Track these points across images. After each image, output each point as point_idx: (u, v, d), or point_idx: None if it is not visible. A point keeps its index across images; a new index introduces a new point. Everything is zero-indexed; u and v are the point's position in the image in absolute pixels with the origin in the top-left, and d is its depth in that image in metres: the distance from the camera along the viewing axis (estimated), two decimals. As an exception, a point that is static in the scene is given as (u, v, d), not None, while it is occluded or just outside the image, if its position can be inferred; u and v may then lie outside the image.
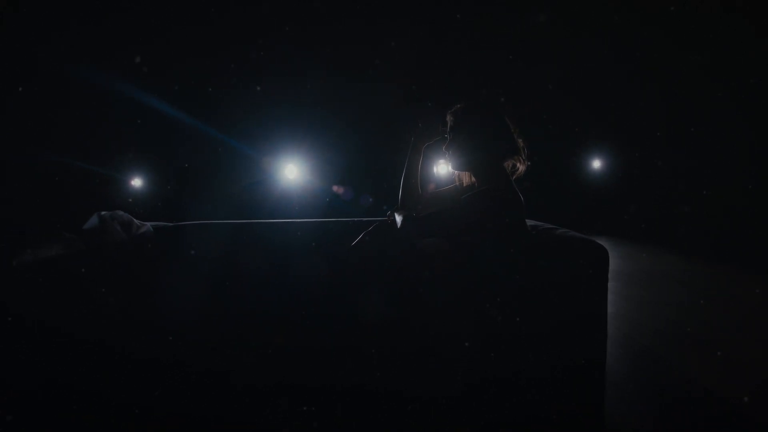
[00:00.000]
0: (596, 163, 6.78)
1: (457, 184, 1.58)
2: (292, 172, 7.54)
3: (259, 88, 7.27)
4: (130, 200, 6.42)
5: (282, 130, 7.39)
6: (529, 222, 1.54)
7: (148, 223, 1.75)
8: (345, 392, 1.22)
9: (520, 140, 1.49)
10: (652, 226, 5.83)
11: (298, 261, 1.40)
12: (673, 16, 5.46)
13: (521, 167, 1.50)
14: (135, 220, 1.71)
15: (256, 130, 7.37)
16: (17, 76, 6.30)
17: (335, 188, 9.07)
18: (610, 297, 2.96)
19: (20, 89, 6.25)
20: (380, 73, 6.84)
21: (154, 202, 6.83)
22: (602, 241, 4.35)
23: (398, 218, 1.54)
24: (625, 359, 2.05)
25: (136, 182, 6.62)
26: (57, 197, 6.22)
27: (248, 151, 7.50)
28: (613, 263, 4.10)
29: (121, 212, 1.70)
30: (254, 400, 1.23)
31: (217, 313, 1.33)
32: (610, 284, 3.20)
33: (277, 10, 6.65)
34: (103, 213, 1.63)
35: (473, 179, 1.52)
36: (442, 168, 2.15)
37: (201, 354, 1.25)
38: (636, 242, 5.21)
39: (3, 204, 5.91)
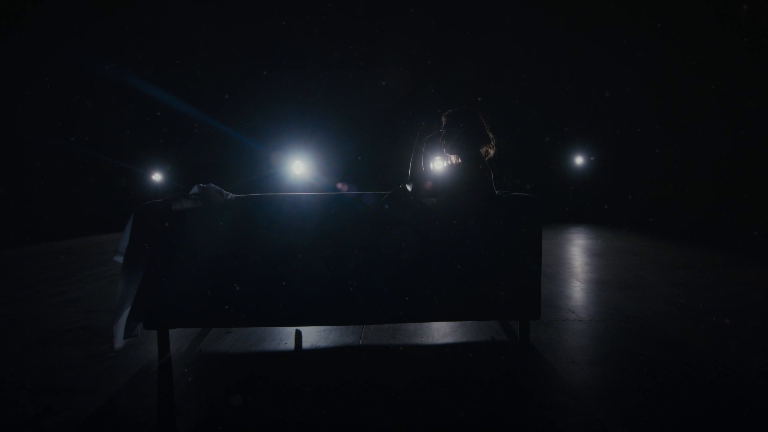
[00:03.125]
0: (580, 160, 7.61)
1: (449, 163, 2.38)
2: (299, 168, 8.24)
3: (268, 87, 8.02)
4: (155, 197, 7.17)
5: (290, 127, 8.12)
6: (498, 191, 2.35)
7: (231, 194, 2.55)
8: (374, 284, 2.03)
9: (490, 134, 2.30)
10: (630, 215, 6.66)
11: (345, 215, 2.19)
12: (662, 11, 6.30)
13: (491, 151, 2.31)
14: (223, 190, 2.51)
15: (265, 127, 8.10)
16: (44, 76, 7.02)
17: (339, 185, 9.82)
18: (575, 262, 3.75)
19: (46, 88, 6.98)
20: (384, 74, 7.64)
21: (168, 193, 7.55)
22: (583, 229, 5.26)
23: (408, 187, 2.34)
24: (569, 294, 2.87)
25: (156, 176, 7.37)
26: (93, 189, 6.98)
27: (257, 146, 8.22)
28: (587, 244, 4.93)
29: (212, 184, 2.50)
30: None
31: (281, 244, 2.12)
32: (580, 258, 4.05)
33: (284, 12, 7.42)
34: (201, 185, 2.43)
35: (459, 160, 2.32)
36: (438, 164, 2.91)
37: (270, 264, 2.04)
38: (613, 228, 6.05)
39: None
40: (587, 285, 3.15)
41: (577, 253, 4.33)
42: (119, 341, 1.94)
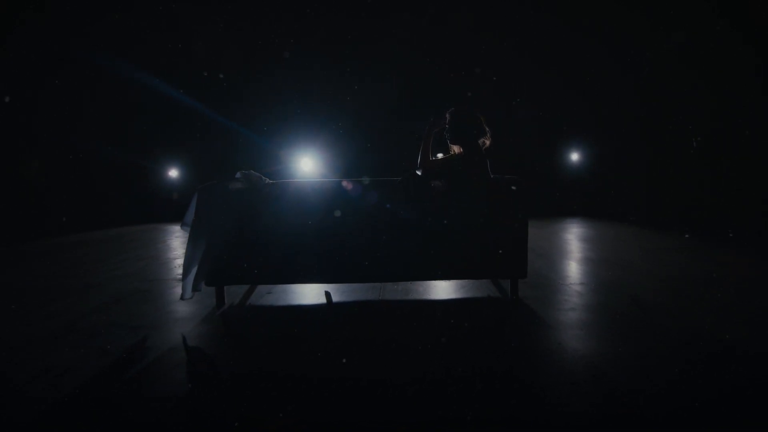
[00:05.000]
0: (576, 157, 8.15)
1: (452, 152, 2.91)
2: (307, 164, 8.77)
3: (276, 87, 8.55)
4: (175, 195, 7.71)
5: (297, 126, 8.64)
6: (492, 175, 2.87)
7: (267, 179, 3.08)
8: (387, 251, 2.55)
9: (486, 127, 2.83)
10: (620, 206, 7.18)
11: (364, 196, 2.72)
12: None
13: (488, 142, 2.84)
14: (262, 176, 3.04)
15: (274, 126, 8.63)
16: (70, 76, 7.53)
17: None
18: (566, 246, 4.27)
19: (59, 86, 7.47)
20: (386, 74, 8.17)
21: (186, 185, 8.02)
22: (578, 221, 5.82)
23: (418, 172, 2.87)
24: (557, 267, 3.40)
25: (173, 173, 7.91)
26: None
27: (266, 144, 8.74)
28: (579, 232, 5.45)
29: (252, 171, 3.02)
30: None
31: (310, 220, 2.64)
32: (571, 243, 4.60)
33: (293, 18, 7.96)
34: (243, 171, 2.96)
35: (461, 149, 2.85)
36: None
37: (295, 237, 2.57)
38: (606, 220, 6.57)
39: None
40: (574, 261, 3.68)
41: (569, 239, 4.85)
42: (187, 293, 2.46)
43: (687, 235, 4.93)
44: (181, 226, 2.59)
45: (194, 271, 2.49)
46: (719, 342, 1.94)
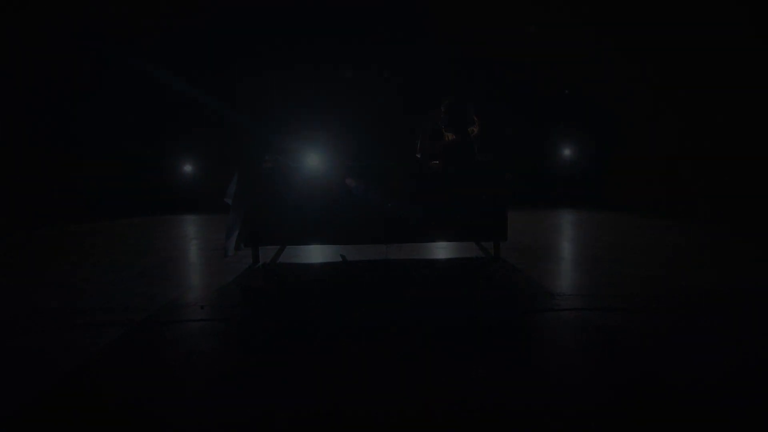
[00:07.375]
0: (567, 152, 8.77)
1: (446, 139, 3.52)
2: (313, 161, 9.35)
3: (283, 85, 9.16)
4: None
5: (304, 124, 9.25)
6: (478, 157, 3.48)
7: (291, 163, 3.70)
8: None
9: (475, 117, 3.45)
10: (611, 198, 7.80)
11: (371, 176, 3.34)
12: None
13: (476, 130, 3.46)
14: (286, 160, 3.66)
15: (283, 124, 9.24)
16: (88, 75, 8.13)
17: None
18: (550, 228, 4.88)
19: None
20: (386, 73, 8.79)
21: (196, 181, 8.63)
22: (568, 210, 6.41)
23: (418, 155, 3.49)
24: (538, 240, 4.01)
25: (187, 167, 8.53)
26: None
27: (272, 137, 9.33)
28: (567, 217, 6.06)
29: (278, 156, 3.64)
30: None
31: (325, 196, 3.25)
32: (559, 225, 5.23)
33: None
34: (271, 155, 3.58)
35: (453, 136, 3.46)
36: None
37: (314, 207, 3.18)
38: (593, 209, 7.18)
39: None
40: (555, 236, 4.29)
41: (555, 223, 5.46)
42: (230, 251, 3.07)
43: (664, 217, 5.55)
44: (225, 199, 3.20)
45: (236, 234, 3.10)
46: (648, 276, 2.55)
